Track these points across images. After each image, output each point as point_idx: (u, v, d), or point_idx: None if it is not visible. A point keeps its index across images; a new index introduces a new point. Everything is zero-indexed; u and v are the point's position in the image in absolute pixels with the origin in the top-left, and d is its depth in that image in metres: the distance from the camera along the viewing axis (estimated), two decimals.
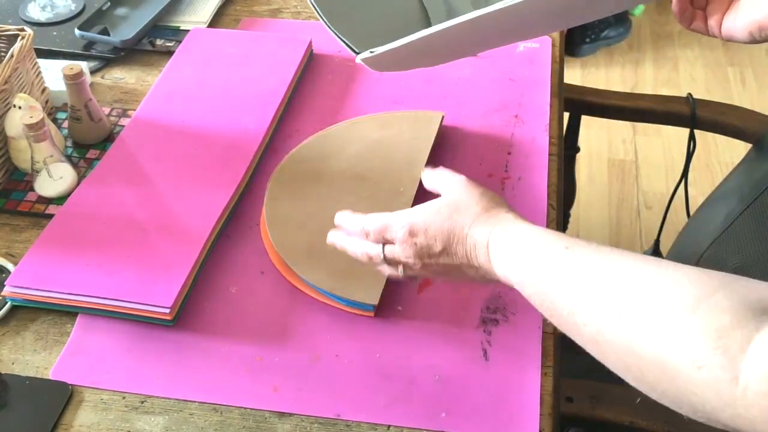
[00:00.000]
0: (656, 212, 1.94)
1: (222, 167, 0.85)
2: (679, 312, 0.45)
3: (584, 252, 0.54)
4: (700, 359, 0.43)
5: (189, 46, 1.03)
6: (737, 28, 0.62)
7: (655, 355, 0.46)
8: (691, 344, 0.44)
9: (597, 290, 0.51)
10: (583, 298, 0.51)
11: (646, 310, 0.47)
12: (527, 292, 0.57)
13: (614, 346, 0.49)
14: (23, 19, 1.13)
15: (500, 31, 0.66)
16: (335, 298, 0.74)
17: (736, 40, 0.64)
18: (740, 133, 1.10)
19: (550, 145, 0.90)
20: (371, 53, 0.60)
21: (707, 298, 0.45)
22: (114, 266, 0.75)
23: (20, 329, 0.74)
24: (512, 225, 0.60)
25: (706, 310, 0.44)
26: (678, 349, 0.44)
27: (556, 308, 0.54)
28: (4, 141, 0.88)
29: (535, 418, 0.66)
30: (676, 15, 0.66)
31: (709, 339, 0.43)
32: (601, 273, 0.52)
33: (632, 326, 0.47)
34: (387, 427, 0.66)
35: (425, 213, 0.63)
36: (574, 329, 0.52)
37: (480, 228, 0.60)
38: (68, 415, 0.67)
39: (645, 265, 0.50)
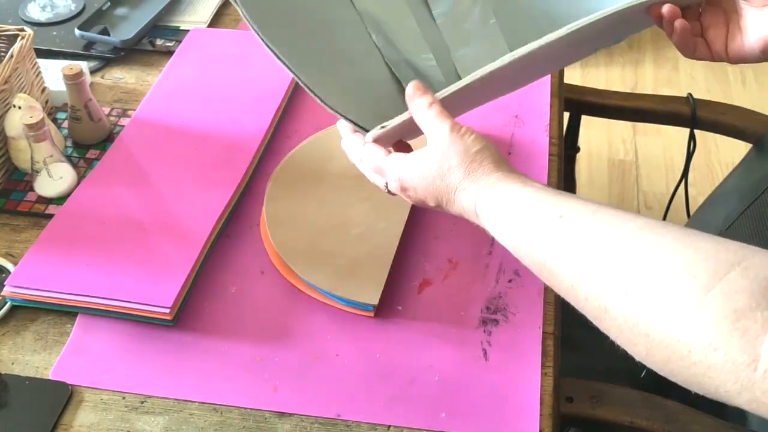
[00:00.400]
0: (656, 212, 1.94)
1: (222, 167, 0.85)
2: (692, 290, 0.43)
3: (582, 220, 0.51)
4: (717, 341, 0.41)
5: (189, 46, 1.03)
6: (747, 48, 0.62)
7: (666, 335, 0.44)
8: (706, 325, 0.42)
9: (599, 264, 0.48)
10: (584, 271, 0.49)
11: (655, 286, 0.45)
12: (524, 261, 0.55)
13: (619, 323, 0.47)
14: (23, 19, 1.13)
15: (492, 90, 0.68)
16: (335, 298, 0.74)
17: (748, 61, 0.63)
18: (740, 133, 1.10)
19: (550, 145, 0.90)
20: (382, 128, 0.60)
21: (723, 275, 0.42)
22: (114, 266, 0.75)
23: (20, 329, 0.74)
24: (497, 187, 0.56)
25: (722, 288, 0.42)
26: (692, 330, 0.42)
27: (554, 279, 0.52)
28: (4, 141, 0.88)
29: (535, 418, 0.65)
30: (679, 48, 0.66)
31: (726, 320, 0.41)
32: (602, 244, 0.49)
33: (640, 304, 0.45)
34: (387, 427, 0.66)
35: (414, 171, 0.59)
36: (576, 301, 0.50)
37: (466, 193, 0.57)
38: (68, 416, 0.67)
39: (651, 234, 0.47)
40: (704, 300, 0.42)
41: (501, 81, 0.63)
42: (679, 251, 0.45)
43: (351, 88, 0.64)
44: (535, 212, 0.53)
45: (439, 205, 0.59)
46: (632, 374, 0.82)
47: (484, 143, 0.58)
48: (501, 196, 0.55)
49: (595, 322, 0.49)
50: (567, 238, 0.50)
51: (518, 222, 0.54)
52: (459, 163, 0.57)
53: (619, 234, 0.48)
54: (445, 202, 0.59)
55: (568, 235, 0.51)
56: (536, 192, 0.54)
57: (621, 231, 0.49)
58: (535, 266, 0.53)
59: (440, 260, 0.78)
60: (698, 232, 0.47)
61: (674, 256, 0.45)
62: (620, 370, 0.84)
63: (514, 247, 0.55)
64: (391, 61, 0.67)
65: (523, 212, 0.54)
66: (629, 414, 0.75)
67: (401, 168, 0.60)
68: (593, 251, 0.49)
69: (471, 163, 0.57)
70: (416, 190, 0.59)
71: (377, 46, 0.67)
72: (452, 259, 0.78)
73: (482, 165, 0.57)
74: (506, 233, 0.55)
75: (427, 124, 0.60)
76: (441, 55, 0.69)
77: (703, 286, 0.43)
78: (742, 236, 0.81)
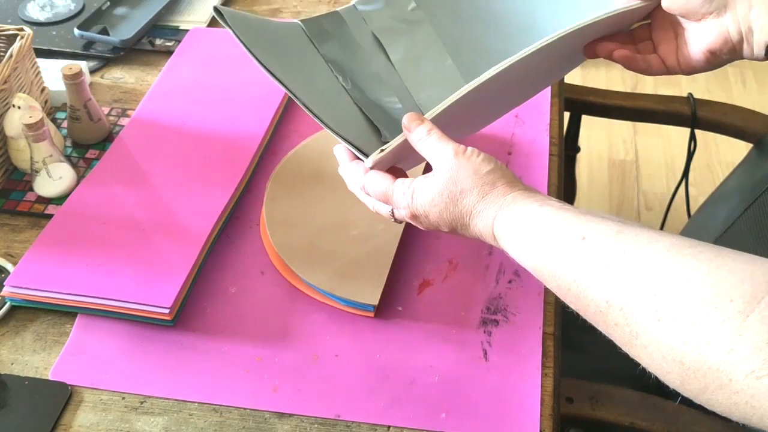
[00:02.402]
0: (657, 212, 1.94)
1: (222, 167, 0.85)
2: (730, 316, 0.41)
3: (606, 242, 0.49)
4: (760, 369, 0.39)
5: (188, 45, 1.03)
6: (695, 59, 0.64)
7: (704, 363, 0.42)
8: (747, 353, 0.40)
9: (627, 288, 0.46)
10: (612, 296, 0.47)
11: (689, 312, 0.43)
12: (548, 284, 0.53)
13: (651, 350, 0.45)
14: (22, 18, 1.12)
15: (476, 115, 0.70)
16: (335, 298, 0.74)
17: (699, 71, 0.65)
18: (741, 133, 1.10)
19: (551, 145, 0.90)
20: (381, 152, 0.60)
21: (761, 298, 0.41)
22: (113, 266, 0.74)
23: (19, 329, 0.74)
24: (514, 208, 0.55)
25: (761, 312, 0.40)
26: (732, 357, 0.40)
27: (580, 303, 0.50)
28: (4, 141, 0.88)
29: (535, 419, 0.65)
30: (627, 66, 0.68)
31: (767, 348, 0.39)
32: (630, 267, 0.47)
33: (674, 330, 0.43)
34: (387, 427, 0.66)
35: (424, 197, 0.58)
36: (605, 327, 0.48)
37: (482, 216, 0.56)
38: (67, 416, 0.67)
39: (680, 255, 0.46)
40: (743, 326, 0.40)
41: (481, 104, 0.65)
42: (713, 273, 0.44)
43: (337, 122, 0.64)
44: (556, 233, 0.51)
45: (454, 230, 0.58)
46: (632, 375, 0.82)
47: (493, 163, 0.57)
48: (519, 217, 0.54)
49: (625, 348, 0.47)
50: (592, 261, 0.49)
51: (539, 244, 0.52)
52: (471, 186, 0.56)
53: (646, 256, 0.47)
54: (460, 226, 0.57)
55: (592, 258, 0.49)
56: (556, 212, 0.53)
57: (648, 252, 0.47)
58: (560, 290, 0.52)
59: (440, 261, 0.78)
60: (730, 250, 0.45)
61: (708, 278, 0.43)
62: (620, 371, 0.84)
63: (536, 270, 0.53)
64: (360, 102, 0.68)
65: (544, 233, 0.52)
66: (629, 415, 0.75)
67: (409, 195, 0.58)
68: (620, 275, 0.47)
69: (483, 185, 0.56)
70: (428, 217, 0.58)
71: (345, 88, 0.68)
72: (452, 259, 0.78)
73: (495, 186, 0.56)
74: (527, 255, 0.53)
75: (430, 150, 0.58)
76: (405, 98, 0.70)
77: (741, 311, 0.41)
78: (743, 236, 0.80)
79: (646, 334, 0.45)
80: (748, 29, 0.61)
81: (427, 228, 0.60)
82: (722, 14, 0.61)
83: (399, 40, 0.71)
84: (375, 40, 0.71)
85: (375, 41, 0.71)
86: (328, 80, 0.68)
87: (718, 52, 0.63)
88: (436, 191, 0.57)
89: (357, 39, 0.69)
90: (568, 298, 0.51)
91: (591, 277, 0.48)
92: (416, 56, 0.71)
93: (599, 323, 0.49)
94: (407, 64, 0.71)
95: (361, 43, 0.70)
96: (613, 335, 0.48)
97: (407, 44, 0.71)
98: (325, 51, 0.69)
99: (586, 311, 0.50)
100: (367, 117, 0.67)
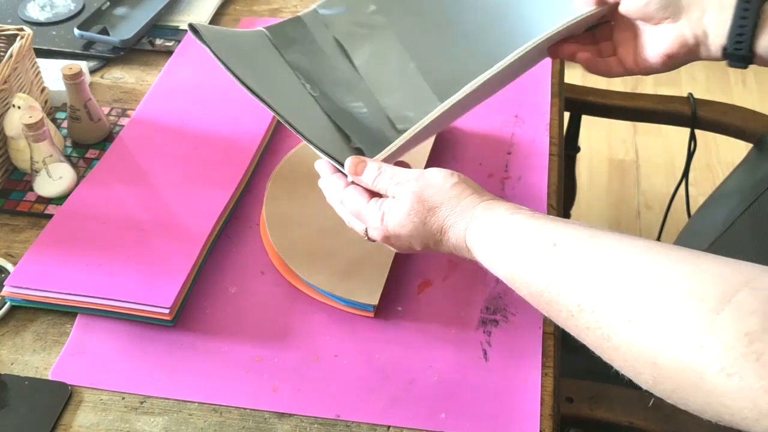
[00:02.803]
0: (656, 212, 1.94)
1: (222, 167, 0.85)
2: (701, 314, 0.41)
3: (577, 246, 0.49)
4: (730, 366, 0.39)
5: (188, 45, 1.03)
6: (652, 61, 0.66)
7: (675, 362, 0.42)
8: (718, 350, 0.40)
9: (598, 290, 0.47)
10: (583, 299, 0.47)
11: (661, 312, 0.43)
12: (520, 291, 0.54)
13: (623, 351, 0.45)
14: (22, 18, 1.13)
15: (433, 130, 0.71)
16: (335, 298, 0.74)
17: (656, 72, 0.67)
18: (741, 133, 1.10)
19: (551, 145, 0.90)
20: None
21: (731, 296, 0.41)
22: (113, 266, 0.74)
23: (19, 329, 0.74)
24: (485, 217, 0.55)
25: (732, 310, 0.40)
26: (703, 356, 0.40)
27: (552, 309, 0.50)
28: (4, 141, 0.88)
29: (535, 419, 0.65)
30: (588, 68, 0.70)
31: (739, 344, 0.39)
32: (601, 270, 0.47)
33: (646, 331, 0.43)
34: (387, 427, 0.66)
35: (394, 218, 0.58)
36: (576, 331, 0.49)
37: (453, 230, 0.57)
38: (67, 416, 0.67)
39: (651, 256, 0.46)
40: (714, 324, 0.41)
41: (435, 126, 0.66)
42: (684, 273, 0.44)
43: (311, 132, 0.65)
44: (528, 240, 0.52)
45: (427, 247, 0.59)
46: None
47: (456, 176, 0.58)
48: (490, 225, 0.55)
49: (598, 351, 0.48)
50: (563, 265, 0.49)
51: (511, 251, 0.53)
52: (440, 203, 0.57)
53: (617, 258, 0.47)
54: (434, 243, 0.58)
55: (564, 263, 0.49)
56: (526, 219, 0.54)
57: (620, 254, 0.47)
58: (532, 297, 0.52)
59: (440, 260, 0.78)
60: (703, 253, 0.45)
61: (679, 278, 0.44)
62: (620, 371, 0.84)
63: (508, 278, 0.54)
64: (328, 109, 0.68)
65: (515, 241, 0.53)
66: (628, 414, 0.75)
67: (379, 217, 0.59)
68: (591, 277, 0.47)
69: (451, 198, 0.57)
70: (399, 238, 0.59)
71: (313, 96, 0.68)
72: (452, 259, 0.78)
73: (463, 197, 0.57)
74: (499, 263, 0.54)
75: (389, 185, 0.59)
76: (370, 103, 0.70)
77: (712, 309, 0.41)
78: (743, 236, 0.80)
79: (617, 335, 0.45)
80: (703, 33, 0.63)
81: (399, 249, 0.61)
82: (678, 19, 0.63)
83: (362, 44, 0.71)
84: (338, 45, 0.70)
85: (338, 46, 0.70)
86: (297, 89, 0.67)
87: (676, 55, 0.64)
88: (403, 213, 0.58)
89: (321, 45, 0.69)
90: (540, 304, 0.52)
91: (562, 281, 0.49)
92: (379, 61, 0.71)
93: (571, 328, 0.49)
94: (371, 68, 0.71)
95: (325, 49, 0.70)
96: (585, 339, 0.48)
97: (370, 49, 0.71)
98: (291, 59, 0.68)
99: (558, 316, 0.50)
100: (337, 124, 0.67)
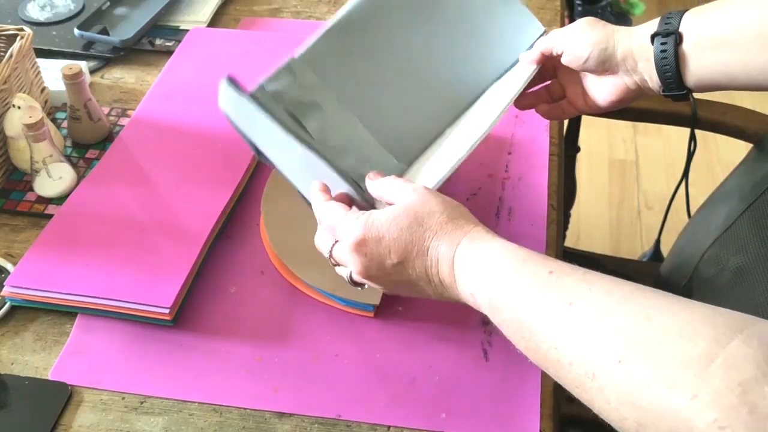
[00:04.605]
0: (657, 212, 1.94)
1: (222, 167, 0.85)
2: (694, 359, 0.39)
3: (573, 278, 0.48)
4: (723, 418, 0.37)
5: (188, 45, 1.03)
6: (600, 104, 0.72)
7: (662, 409, 0.39)
8: (710, 400, 0.38)
9: (590, 326, 0.44)
10: (571, 333, 0.45)
11: (652, 354, 0.41)
12: (500, 317, 0.51)
13: (607, 393, 0.43)
14: (22, 18, 1.12)
15: None
16: (335, 298, 0.73)
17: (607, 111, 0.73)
18: (741, 133, 1.10)
19: (551, 145, 0.90)
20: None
21: (726, 344, 0.39)
22: (113, 266, 0.74)
23: (19, 329, 0.74)
24: (482, 240, 0.54)
25: (726, 358, 0.38)
26: (695, 404, 0.38)
27: (533, 339, 0.48)
28: (4, 141, 0.88)
29: (535, 419, 0.65)
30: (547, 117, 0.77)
31: (732, 394, 0.37)
32: (592, 305, 0.45)
33: (635, 373, 0.41)
34: (387, 427, 0.66)
35: (379, 220, 0.55)
36: (557, 366, 0.46)
37: (445, 241, 0.54)
38: (67, 416, 0.67)
39: (643, 296, 0.45)
40: (708, 371, 0.38)
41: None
42: (676, 314, 0.42)
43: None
44: (524, 266, 0.50)
45: (403, 260, 0.55)
46: None
47: (457, 202, 0.58)
48: (486, 251, 0.53)
49: (577, 391, 0.45)
50: (556, 294, 0.47)
51: (502, 276, 0.51)
52: (441, 209, 0.56)
53: (611, 293, 0.46)
54: (416, 253, 0.55)
55: (558, 292, 0.47)
56: (524, 251, 0.52)
57: (613, 291, 0.46)
58: (513, 324, 0.50)
59: None
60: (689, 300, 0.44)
61: (671, 319, 0.42)
62: None
63: (491, 306, 0.52)
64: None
65: (510, 266, 0.51)
66: None
67: (364, 218, 0.56)
68: (584, 311, 0.46)
69: (453, 210, 0.56)
70: (379, 242, 0.55)
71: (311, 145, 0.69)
72: None
73: (463, 217, 0.56)
74: (485, 288, 0.52)
75: (389, 186, 0.59)
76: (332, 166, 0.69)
77: (705, 354, 0.39)
78: (743, 236, 0.80)
79: (603, 374, 0.43)
80: (641, 80, 0.68)
81: (364, 264, 0.56)
82: (617, 71, 0.68)
83: (311, 112, 0.71)
84: (291, 115, 0.70)
85: (291, 116, 0.70)
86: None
87: (622, 99, 0.70)
88: (399, 209, 0.56)
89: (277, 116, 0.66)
90: (519, 333, 0.49)
91: (553, 311, 0.47)
92: (330, 126, 0.71)
93: (551, 362, 0.47)
94: (324, 134, 0.71)
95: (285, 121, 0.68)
96: (565, 376, 0.46)
97: (318, 115, 0.71)
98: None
99: (538, 347, 0.48)
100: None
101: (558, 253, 0.81)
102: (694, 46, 0.64)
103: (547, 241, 0.79)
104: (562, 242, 1.02)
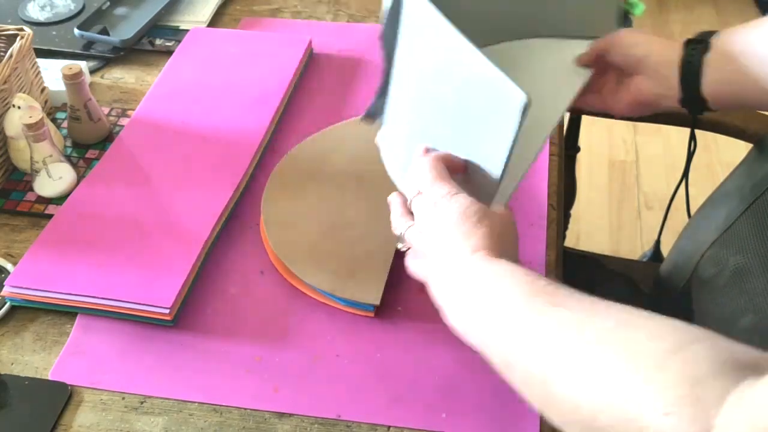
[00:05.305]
0: (657, 212, 1.94)
1: (222, 167, 0.85)
2: (656, 352, 0.42)
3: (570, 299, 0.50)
4: (669, 405, 0.39)
5: (188, 45, 1.03)
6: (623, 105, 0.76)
7: (619, 395, 0.42)
8: (661, 388, 0.40)
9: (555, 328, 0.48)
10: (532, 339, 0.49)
11: (620, 347, 0.44)
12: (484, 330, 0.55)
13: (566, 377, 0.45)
14: (22, 18, 1.13)
15: None
16: (335, 298, 0.73)
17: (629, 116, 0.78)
18: (741, 133, 1.10)
19: (551, 145, 0.90)
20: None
21: (689, 344, 0.41)
22: (113, 266, 0.74)
23: (19, 329, 0.74)
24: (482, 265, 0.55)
25: (685, 355, 0.41)
26: (646, 388, 0.40)
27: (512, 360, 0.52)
28: (4, 141, 0.88)
29: (535, 419, 0.65)
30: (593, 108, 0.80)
31: (683, 385, 0.39)
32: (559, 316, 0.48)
33: (598, 360, 0.44)
34: (387, 427, 0.66)
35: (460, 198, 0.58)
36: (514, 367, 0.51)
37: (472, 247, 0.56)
38: (67, 416, 0.67)
39: (617, 312, 0.47)
40: (666, 363, 0.41)
41: None
42: (647, 324, 0.45)
43: None
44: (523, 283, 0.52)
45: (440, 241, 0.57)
46: None
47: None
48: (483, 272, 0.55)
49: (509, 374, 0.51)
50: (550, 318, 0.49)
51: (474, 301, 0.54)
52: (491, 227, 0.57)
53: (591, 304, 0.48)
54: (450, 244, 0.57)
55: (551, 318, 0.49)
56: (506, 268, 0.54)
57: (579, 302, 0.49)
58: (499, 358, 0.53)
59: None
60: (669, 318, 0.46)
61: (644, 322, 0.45)
62: None
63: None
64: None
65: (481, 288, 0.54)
66: None
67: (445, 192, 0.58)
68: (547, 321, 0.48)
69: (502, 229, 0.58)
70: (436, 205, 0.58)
71: None
72: None
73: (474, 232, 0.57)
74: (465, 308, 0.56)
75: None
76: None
77: (667, 350, 0.42)
78: (743, 236, 0.80)
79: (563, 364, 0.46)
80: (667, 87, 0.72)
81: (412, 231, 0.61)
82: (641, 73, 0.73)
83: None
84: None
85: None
86: None
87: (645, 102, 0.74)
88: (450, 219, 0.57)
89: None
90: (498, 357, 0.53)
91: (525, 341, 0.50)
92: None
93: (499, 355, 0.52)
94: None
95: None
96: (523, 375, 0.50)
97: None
98: None
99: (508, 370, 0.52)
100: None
101: (558, 253, 0.81)
102: (720, 55, 0.69)
103: (547, 241, 0.79)
104: (562, 242, 1.02)
